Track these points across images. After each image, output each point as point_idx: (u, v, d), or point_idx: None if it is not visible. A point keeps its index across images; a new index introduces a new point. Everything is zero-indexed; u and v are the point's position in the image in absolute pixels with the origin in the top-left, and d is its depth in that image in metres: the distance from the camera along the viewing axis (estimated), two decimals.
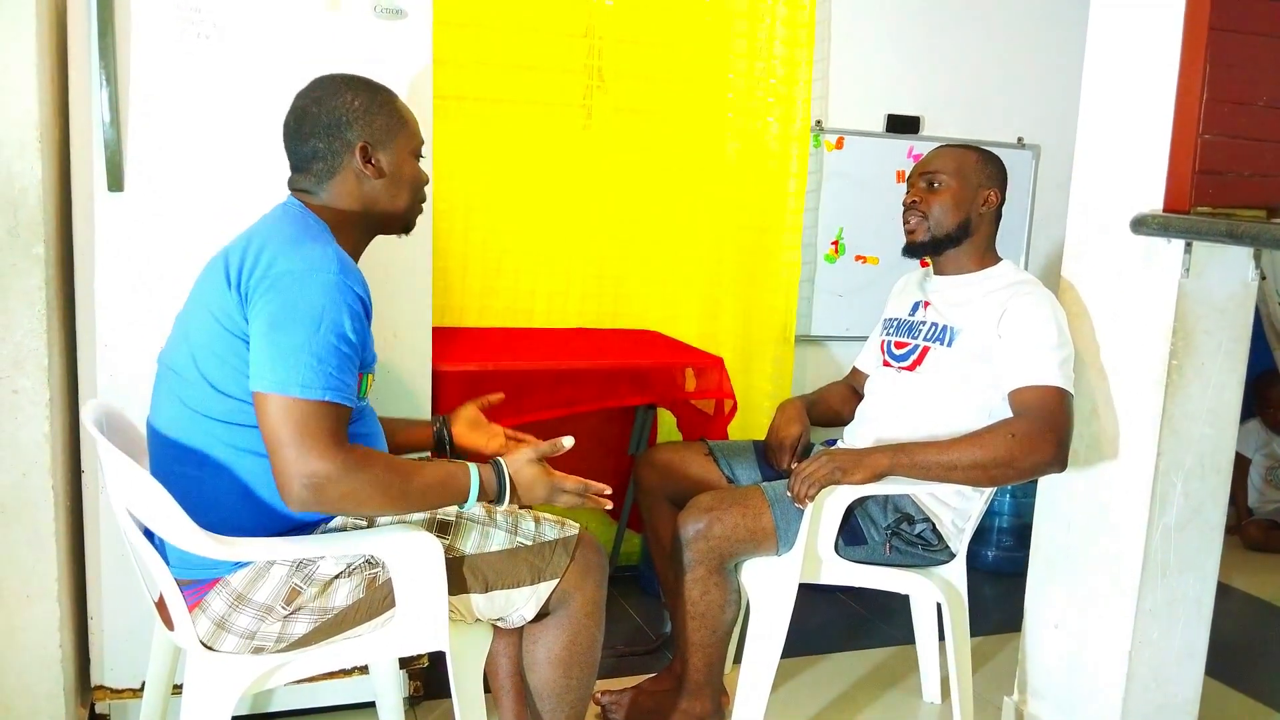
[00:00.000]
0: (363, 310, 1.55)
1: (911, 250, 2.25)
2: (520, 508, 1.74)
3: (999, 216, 2.24)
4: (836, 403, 2.45)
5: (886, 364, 2.30)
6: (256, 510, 1.58)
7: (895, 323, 2.33)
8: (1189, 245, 1.92)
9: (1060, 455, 1.98)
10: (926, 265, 2.36)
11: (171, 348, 1.64)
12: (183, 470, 1.60)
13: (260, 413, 1.48)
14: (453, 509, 1.69)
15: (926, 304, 2.26)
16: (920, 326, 2.25)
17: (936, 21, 3.41)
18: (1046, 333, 2.03)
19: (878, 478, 2.02)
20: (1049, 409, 1.98)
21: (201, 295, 1.59)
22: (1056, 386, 2.00)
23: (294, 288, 1.49)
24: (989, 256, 2.23)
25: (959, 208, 2.18)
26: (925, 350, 2.21)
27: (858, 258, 3.44)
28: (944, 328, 2.19)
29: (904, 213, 2.24)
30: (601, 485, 1.72)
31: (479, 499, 1.63)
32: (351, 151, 1.64)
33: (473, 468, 1.63)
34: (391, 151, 1.68)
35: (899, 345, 2.28)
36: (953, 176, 2.18)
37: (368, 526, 1.65)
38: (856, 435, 2.29)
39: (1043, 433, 1.97)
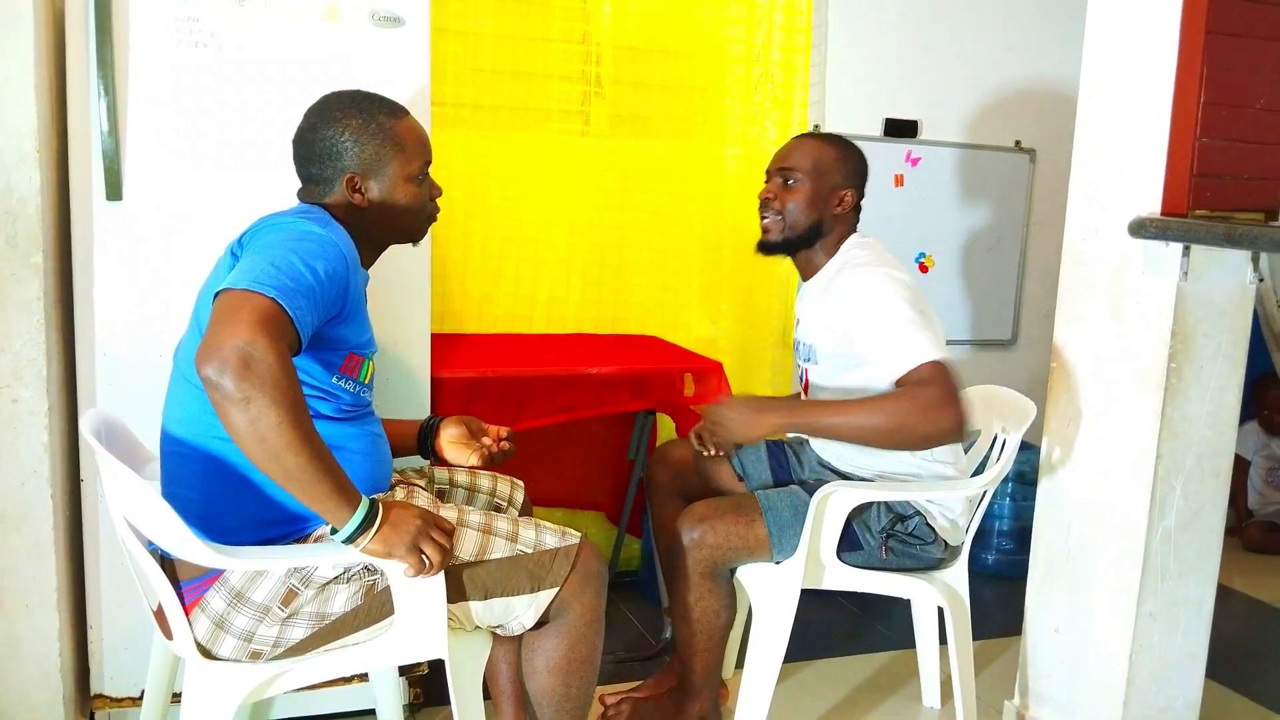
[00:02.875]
0: (344, 265, 1.56)
1: (765, 249, 2.22)
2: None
3: (857, 213, 2.22)
4: None
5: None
6: (253, 502, 1.58)
7: (796, 344, 2.33)
8: (1187, 248, 1.92)
9: (961, 423, 1.93)
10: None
11: (184, 342, 1.66)
12: (183, 467, 1.62)
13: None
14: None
15: (799, 320, 2.29)
16: (800, 346, 2.28)
17: (934, 25, 3.42)
18: (898, 312, 2.00)
19: (770, 435, 2.05)
20: (940, 379, 1.95)
21: (214, 281, 1.60)
22: (936, 360, 1.96)
23: (275, 231, 1.56)
24: (838, 246, 2.21)
25: (813, 208, 2.15)
26: (806, 373, 2.25)
27: None
28: (809, 346, 2.21)
29: (760, 209, 2.20)
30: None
31: (351, 530, 1.47)
32: (341, 179, 1.70)
33: (369, 503, 1.49)
34: (383, 179, 1.72)
35: (801, 367, 2.31)
36: (808, 175, 2.14)
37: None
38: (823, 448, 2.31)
39: (944, 400, 1.92)
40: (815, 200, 2.15)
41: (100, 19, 1.87)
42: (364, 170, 1.70)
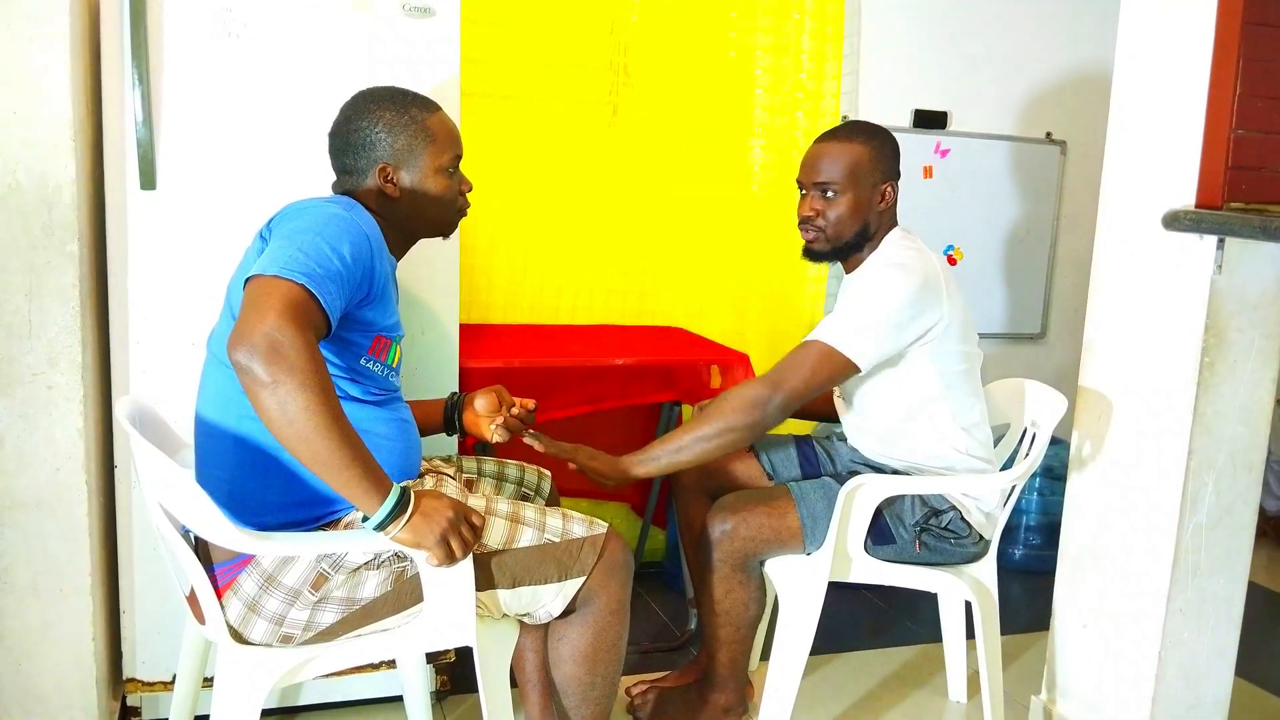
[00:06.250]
0: (367, 247, 1.58)
1: (811, 257, 2.18)
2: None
3: (896, 198, 2.16)
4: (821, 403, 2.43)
5: None
6: (282, 482, 1.60)
7: None
8: (1221, 241, 1.90)
9: (763, 420, 1.96)
10: None
11: (217, 328, 1.68)
12: (213, 447, 1.64)
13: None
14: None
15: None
16: None
17: (965, 15, 3.39)
18: (864, 302, 2.01)
19: (628, 481, 2.03)
20: (787, 367, 1.98)
21: (244, 267, 1.62)
22: (821, 342, 1.96)
23: (301, 216, 1.58)
24: (881, 239, 2.16)
25: (857, 216, 2.10)
26: None
27: None
28: None
29: (800, 225, 2.15)
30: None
31: (383, 518, 1.48)
32: (374, 169, 1.73)
33: (399, 491, 1.49)
34: (415, 170, 1.75)
35: None
36: (847, 184, 2.08)
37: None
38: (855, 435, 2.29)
39: (758, 396, 1.96)
40: (858, 207, 2.09)
41: (134, 9, 1.89)
42: (396, 161, 1.73)
